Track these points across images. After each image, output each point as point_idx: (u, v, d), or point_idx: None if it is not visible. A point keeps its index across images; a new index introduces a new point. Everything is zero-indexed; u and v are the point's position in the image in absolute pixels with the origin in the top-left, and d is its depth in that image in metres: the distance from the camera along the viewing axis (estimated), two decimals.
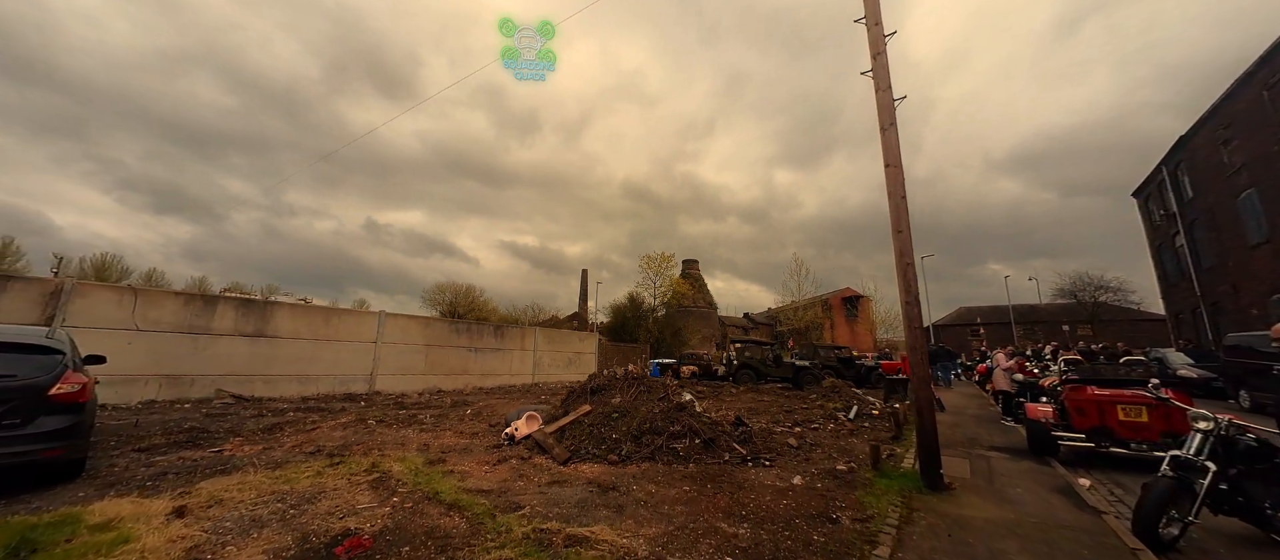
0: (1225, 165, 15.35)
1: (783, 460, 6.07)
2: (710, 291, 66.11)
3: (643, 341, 32.52)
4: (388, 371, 14.17)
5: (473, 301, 47.84)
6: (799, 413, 10.36)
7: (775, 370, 15.40)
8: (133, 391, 9.91)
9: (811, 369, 15.01)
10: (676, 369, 24.40)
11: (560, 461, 5.63)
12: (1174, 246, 20.02)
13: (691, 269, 65.55)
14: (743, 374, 15.17)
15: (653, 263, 35.58)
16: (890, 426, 8.61)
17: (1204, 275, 17.80)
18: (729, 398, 12.87)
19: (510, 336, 18.28)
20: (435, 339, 15.62)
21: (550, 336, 20.13)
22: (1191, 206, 18.01)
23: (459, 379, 16.01)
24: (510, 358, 18.00)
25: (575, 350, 21.12)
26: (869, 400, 11.81)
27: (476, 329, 17.02)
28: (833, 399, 12.14)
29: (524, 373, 18.52)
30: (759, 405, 11.31)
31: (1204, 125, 16.15)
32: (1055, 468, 6.02)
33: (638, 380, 7.39)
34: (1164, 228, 20.69)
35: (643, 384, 7.30)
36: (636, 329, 34.16)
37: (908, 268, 5.30)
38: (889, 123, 5.58)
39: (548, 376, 19.47)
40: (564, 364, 20.44)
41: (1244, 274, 15.18)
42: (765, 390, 14.41)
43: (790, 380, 15.25)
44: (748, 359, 15.51)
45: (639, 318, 35.01)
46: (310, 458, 5.71)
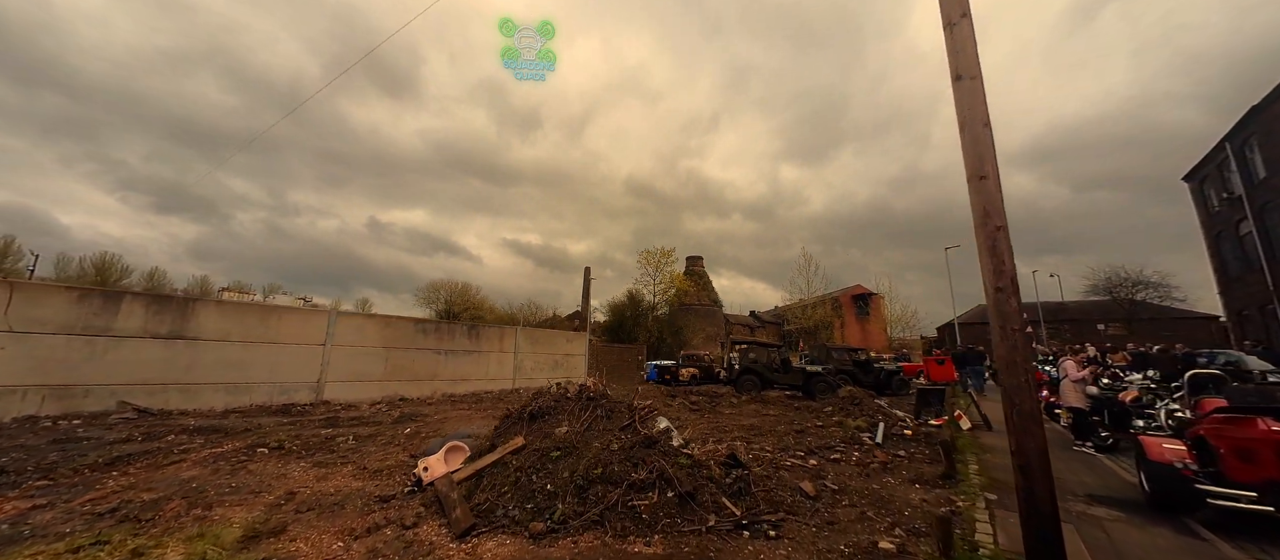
0: None
1: (794, 523, 4.13)
2: (715, 289, 63.95)
3: (641, 341, 30.62)
4: (339, 377, 12.39)
5: (469, 300, 46.24)
6: (812, 433, 8.39)
7: (783, 376, 13.41)
8: (6, 406, 8.19)
9: (825, 376, 13.00)
10: (675, 372, 22.48)
11: (456, 533, 3.72)
12: (1237, 234, 17.67)
13: (696, 265, 63.51)
14: (745, 381, 13.20)
15: (652, 258, 33.68)
16: (935, 457, 6.61)
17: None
18: (728, 411, 10.92)
19: (487, 337, 16.45)
20: (397, 340, 13.83)
21: (533, 337, 18.28)
22: (1264, 187, 15.69)
23: (426, 385, 14.21)
24: (486, 361, 16.17)
25: (562, 352, 19.27)
26: (897, 416, 9.79)
27: (447, 329, 15.21)
28: (852, 413, 10.13)
29: (503, 377, 16.69)
30: (763, 422, 9.35)
31: None
32: (1213, 541, 4.00)
33: (594, 400, 5.47)
34: (1225, 214, 18.33)
35: (600, 407, 5.38)
36: (635, 328, 32.26)
37: (997, 234, 3.32)
38: (960, 13, 3.60)
39: (531, 381, 17.62)
40: (550, 367, 18.59)
41: None
42: (772, 400, 12.44)
43: (800, 388, 13.25)
44: (751, 363, 13.53)
45: (638, 316, 33.10)
46: (92, 523, 3.86)
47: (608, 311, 36.59)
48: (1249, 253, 17.22)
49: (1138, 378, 8.75)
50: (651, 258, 33.77)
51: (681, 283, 33.80)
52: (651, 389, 11.93)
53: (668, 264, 33.83)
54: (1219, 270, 19.45)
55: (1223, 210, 18.40)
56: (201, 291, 58.47)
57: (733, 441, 6.28)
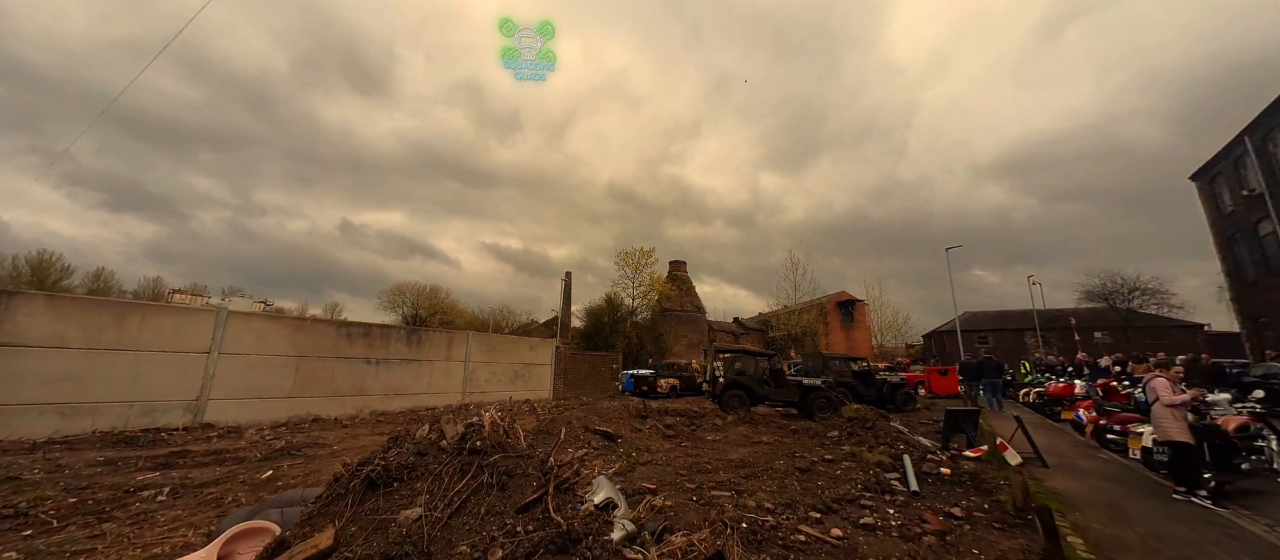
0: None
1: None
2: (698, 295, 62.19)
3: (619, 349, 28.41)
4: (229, 394, 9.91)
5: (437, 303, 43.40)
6: (822, 473, 6.33)
7: (775, 391, 11.39)
8: None
9: (824, 390, 11.01)
10: (653, 383, 20.33)
11: None
12: (1257, 235, 16.45)
13: (679, 270, 61.70)
14: (732, 397, 11.13)
15: (630, 258, 31.57)
16: (1001, 514, 4.62)
17: None
18: (712, 436, 8.80)
19: (431, 344, 14.05)
20: (313, 347, 11.38)
21: (488, 344, 15.93)
22: None
23: (350, 402, 11.77)
24: (429, 371, 13.77)
25: (524, 361, 16.94)
26: (922, 444, 7.81)
27: (379, 335, 12.78)
28: (864, 439, 8.12)
29: (450, 390, 14.30)
30: (756, 455, 7.27)
31: None
32: None
33: (482, 456, 3.27)
34: (1241, 214, 17.14)
35: (492, 468, 3.19)
36: (612, 335, 30.04)
37: None
38: None
39: (485, 394, 15.27)
40: (508, 378, 16.24)
41: None
42: (763, 420, 10.39)
43: (795, 405, 11.24)
44: (738, 375, 11.47)
45: (615, 322, 30.91)
46: None
47: (583, 316, 34.34)
48: (1270, 254, 15.99)
49: (1224, 398, 6.97)
50: (630, 258, 31.69)
51: (662, 285, 31.78)
52: (618, 411, 9.75)
53: (648, 265, 31.80)
54: (1232, 274, 18.27)
55: (1238, 210, 17.22)
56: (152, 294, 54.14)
57: (720, 520, 4.12)
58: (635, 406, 10.05)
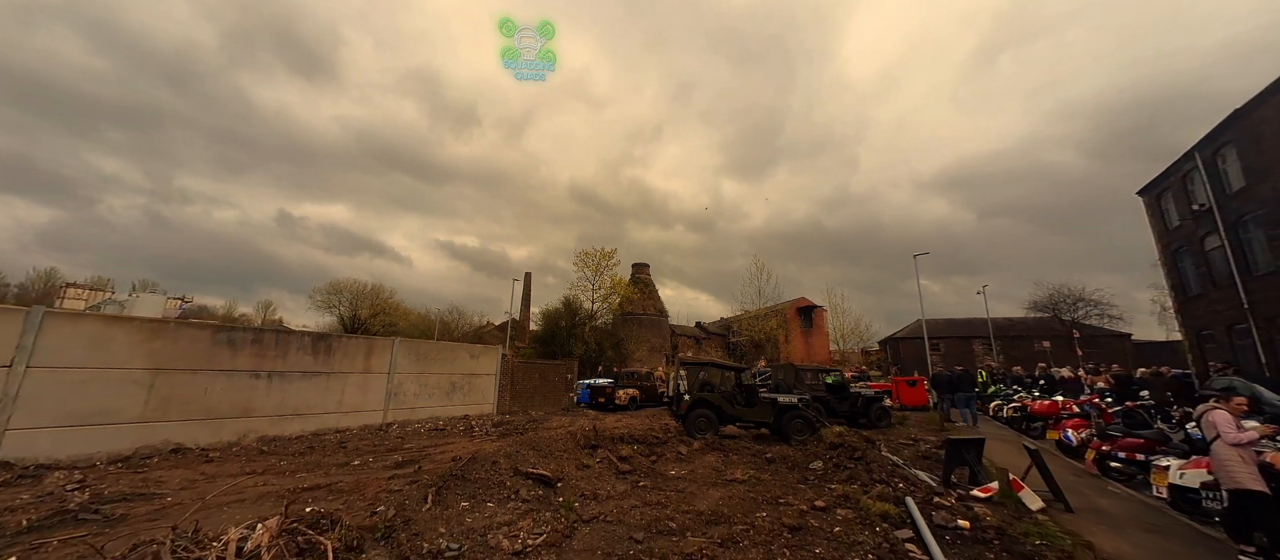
0: None
1: None
2: (661, 298, 61.16)
3: (577, 355, 26.56)
4: (44, 420, 7.47)
5: (380, 303, 39.86)
6: (817, 533, 4.92)
7: (747, 410, 10.04)
8: None
9: (802, 410, 9.76)
10: (612, 394, 18.70)
11: None
12: (1202, 250, 16.86)
13: (642, 273, 60.40)
14: (698, 418, 9.67)
15: (591, 259, 29.83)
16: None
17: (1256, 283, 14.49)
18: (675, 470, 7.28)
19: (345, 353, 11.80)
20: (176, 358, 9.00)
21: (419, 352, 13.77)
22: (1241, 197, 14.71)
23: (230, 425, 9.44)
24: (341, 386, 11.53)
25: (464, 371, 14.86)
26: (922, 481, 6.61)
27: (274, 343, 10.46)
28: (856, 474, 6.85)
29: (369, 407, 12.08)
30: (731, 502, 5.80)
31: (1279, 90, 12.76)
32: None
33: None
34: (1187, 228, 17.58)
35: None
36: (570, 340, 28.16)
37: None
38: None
39: (414, 410, 13.12)
40: (444, 391, 14.13)
41: None
42: (734, 445, 8.97)
43: (769, 426, 9.94)
44: (704, 392, 10.04)
45: (573, 326, 29.05)
46: None
47: (539, 320, 32.25)
48: (1215, 269, 16.38)
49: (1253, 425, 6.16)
50: (591, 259, 29.93)
51: (624, 288, 30.22)
52: (562, 440, 8.06)
53: (609, 266, 30.15)
54: (1177, 288, 18.81)
55: (1185, 224, 17.67)
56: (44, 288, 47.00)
57: None
58: (584, 432, 8.38)
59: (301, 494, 6.21)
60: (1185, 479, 5.81)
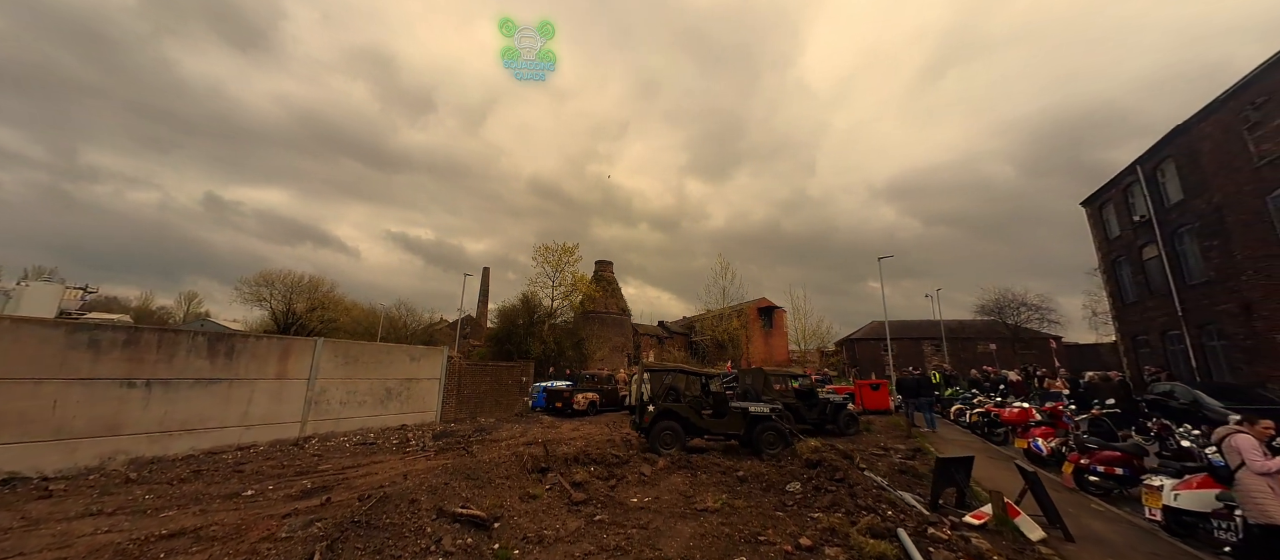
0: (1252, 155, 12.50)
1: None
2: (624, 296, 60.18)
3: (534, 355, 25.17)
4: None
5: (318, 297, 36.65)
6: None
7: (715, 421, 9.23)
8: None
9: (775, 422, 9.04)
10: (570, 398, 17.56)
11: None
12: (1140, 259, 17.71)
13: (605, 271, 59.24)
14: (663, 432, 8.74)
15: (551, 254, 28.41)
16: None
17: (1190, 292, 15.26)
18: (637, 498, 6.31)
19: (253, 356, 10.07)
20: (21, 365, 7.14)
21: (347, 354, 12.12)
22: (1178, 210, 15.43)
23: (90, 447, 7.65)
24: (248, 394, 9.82)
25: (402, 376, 13.30)
26: (909, 505, 5.98)
27: (155, 344, 8.66)
28: (840, 499, 6.14)
29: (283, 418, 10.41)
30: (702, 541, 4.90)
31: (1220, 107, 13.34)
32: None
33: None
34: (1126, 238, 18.44)
35: None
36: (527, 339, 26.69)
37: None
38: None
39: (340, 423, 11.51)
40: (377, 399, 12.54)
41: (1271, 290, 12.32)
42: (702, 464, 8.12)
43: (740, 438, 9.18)
44: (669, 401, 9.13)
45: (531, 325, 27.57)
46: None
47: (496, 317, 30.50)
48: (1152, 278, 17.23)
49: None
50: (551, 254, 28.51)
51: (586, 286, 29.03)
52: (506, 463, 6.92)
53: (571, 262, 28.84)
54: (1114, 295, 19.79)
55: (1125, 235, 18.55)
56: None
57: None
58: (534, 456, 7.27)
59: (153, 546, 4.78)
60: (1180, 501, 5.45)
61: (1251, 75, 12.28)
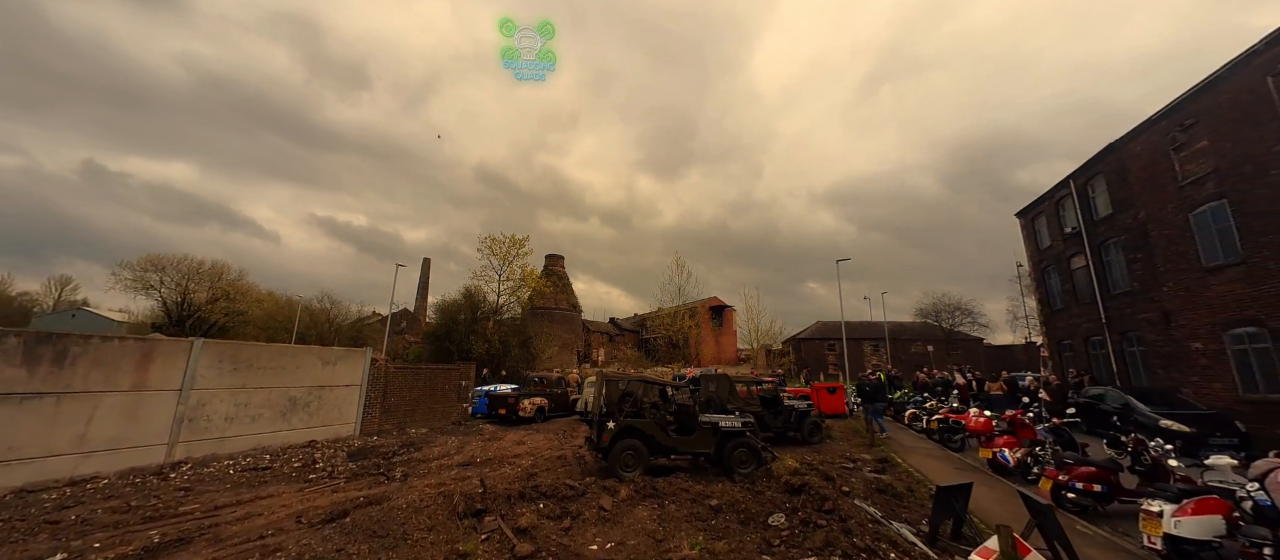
0: (1177, 174, 13.33)
1: None
2: (574, 292, 58.44)
3: (477, 355, 23.18)
4: None
5: (222, 287, 32.06)
6: None
7: (683, 439, 8.23)
8: None
9: (747, 438, 8.18)
10: (515, 403, 16.01)
11: None
12: (1069, 269, 18.84)
13: (556, 265, 57.19)
14: (624, 452, 7.60)
15: (499, 246, 26.40)
16: None
17: (1114, 300, 16.29)
18: (596, 547, 5.15)
19: (98, 361, 7.84)
20: None
21: (238, 357, 9.97)
22: (1106, 224, 16.43)
23: None
24: (90, 410, 7.61)
25: (312, 382, 11.26)
26: (909, 540, 5.25)
27: None
28: (834, 538, 5.32)
29: (142, 440, 8.24)
30: None
31: (1150, 128, 14.17)
32: None
33: None
34: (1057, 249, 19.59)
35: None
36: (469, 337, 24.59)
37: None
38: None
39: (225, 443, 9.40)
40: (278, 411, 10.48)
41: (1188, 301, 13.19)
42: (670, 490, 7.07)
43: (710, 456, 8.24)
44: (628, 417, 8.00)
45: (474, 322, 25.47)
46: None
47: (435, 313, 28.01)
48: (1079, 286, 18.36)
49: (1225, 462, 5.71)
50: (499, 246, 26.48)
51: (536, 281, 27.29)
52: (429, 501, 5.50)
53: (520, 255, 26.95)
54: (1043, 302, 21.06)
55: (1055, 245, 19.71)
56: None
57: None
58: (467, 494, 5.89)
59: None
60: (1181, 529, 5.09)
61: (1181, 98, 13.03)
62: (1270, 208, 10.97)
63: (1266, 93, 10.85)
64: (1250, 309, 11.54)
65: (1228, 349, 12.23)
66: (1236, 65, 11.50)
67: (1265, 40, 10.73)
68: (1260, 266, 11.28)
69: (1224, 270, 12.20)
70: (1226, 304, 12.17)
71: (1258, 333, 11.44)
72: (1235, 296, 11.94)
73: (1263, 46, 10.80)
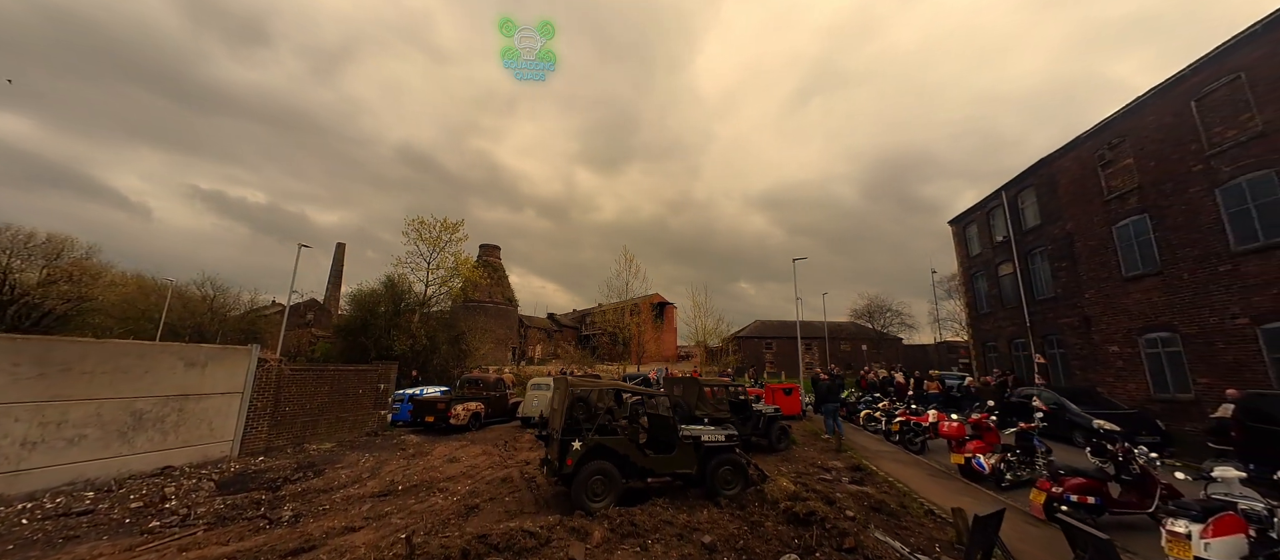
0: (1103, 189, 14.33)
1: None
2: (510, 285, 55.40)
3: (399, 351, 20.36)
4: None
5: (63, 268, 25.78)
6: None
7: (661, 458, 6.96)
8: None
9: (733, 455, 7.10)
10: (445, 409, 13.90)
11: None
12: (997, 275, 20.09)
13: (491, 256, 53.76)
14: (594, 479, 6.19)
15: (428, 230, 23.53)
16: None
17: (1038, 306, 17.47)
18: None
19: None
20: None
21: (46, 357, 7.22)
22: (1034, 234, 17.57)
23: None
24: None
25: (168, 390, 8.60)
26: None
27: None
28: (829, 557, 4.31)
29: None
30: None
31: (1080, 145, 15.17)
32: None
33: None
34: (986, 256, 20.85)
35: None
36: (391, 333, 21.62)
37: None
38: None
39: (21, 481, 6.69)
40: (116, 431, 7.81)
41: (1108, 307, 14.23)
42: (650, 524, 5.76)
43: (690, 477, 7.06)
44: (597, 432, 6.60)
45: (397, 315, 22.49)
46: None
47: (350, 304, 24.46)
48: (1005, 292, 19.63)
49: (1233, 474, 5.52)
50: (428, 229, 23.59)
51: (470, 270, 24.72)
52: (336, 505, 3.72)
53: (453, 241, 24.24)
54: (970, 306, 22.44)
55: (985, 252, 20.98)
56: None
57: None
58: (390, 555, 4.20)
59: None
60: (1211, 551, 4.71)
61: (1111, 118, 13.95)
62: (1187, 222, 11.89)
63: (1190, 117, 11.72)
64: (1165, 316, 12.52)
65: (1142, 352, 13.25)
66: (1164, 89, 12.38)
67: (1192, 66, 11.56)
68: (1176, 277, 12.24)
69: (1142, 280, 13.18)
70: (1143, 311, 13.17)
71: (1170, 338, 12.42)
72: (1151, 304, 12.93)
73: (1190, 72, 11.63)
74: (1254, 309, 10.50)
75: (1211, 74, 11.21)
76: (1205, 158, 11.36)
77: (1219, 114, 11.11)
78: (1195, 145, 11.63)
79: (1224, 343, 11.13)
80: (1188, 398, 11.88)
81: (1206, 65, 11.26)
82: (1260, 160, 10.24)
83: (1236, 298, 10.84)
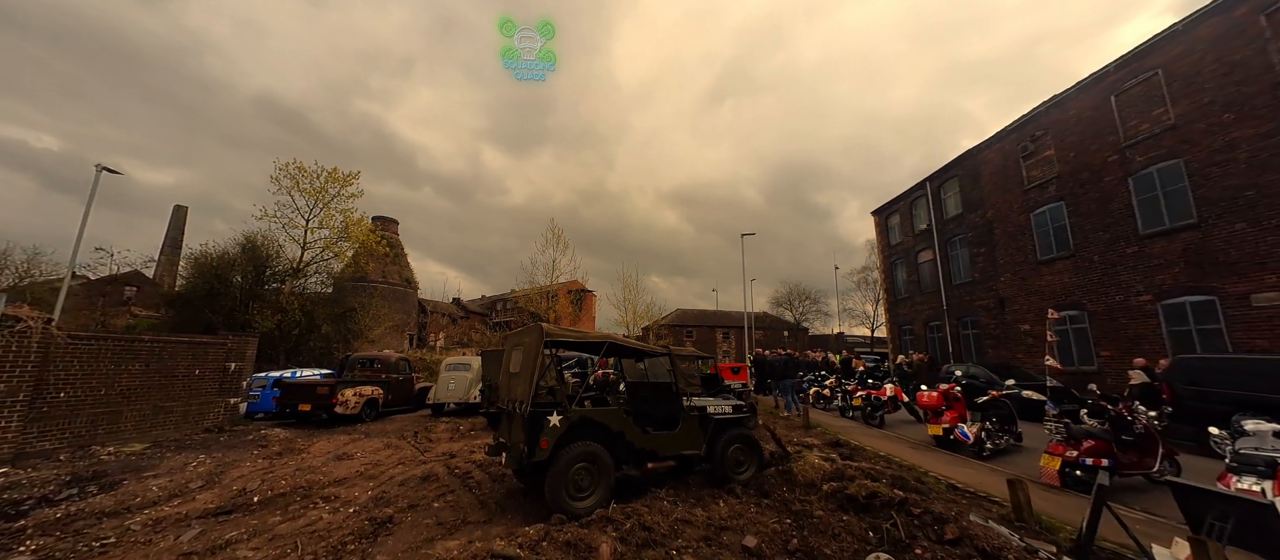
0: (1023, 178, 15.41)
1: None
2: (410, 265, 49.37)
3: (264, 328, 15.91)
4: None
5: None
6: None
7: (661, 435, 5.17)
8: None
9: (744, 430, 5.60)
10: (330, 395, 10.67)
11: None
12: (916, 262, 21.30)
13: (389, 230, 47.15)
14: (577, 468, 4.27)
15: (309, 178, 18.88)
16: None
17: (955, 290, 18.67)
18: None
19: None
20: None
21: None
22: (955, 222, 18.70)
23: None
24: None
25: None
26: None
27: None
28: None
29: None
30: None
31: (1003, 138, 16.23)
32: None
33: None
34: (907, 244, 22.06)
35: None
36: (249, 306, 16.95)
37: None
38: None
39: None
40: None
41: (1022, 289, 15.37)
42: (665, 531, 3.97)
43: (696, 459, 5.37)
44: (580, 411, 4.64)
45: (261, 284, 17.77)
46: None
47: (190, 270, 18.81)
48: (923, 277, 20.87)
49: None
50: (309, 177, 18.93)
51: (366, 235, 20.42)
52: None
53: (344, 196, 19.81)
54: (888, 291, 23.74)
55: (905, 240, 22.21)
56: None
57: None
58: None
59: None
60: None
61: (1034, 112, 14.95)
62: (1099, 208, 12.96)
63: (1109, 111, 12.73)
64: (1074, 295, 13.63)
65: (1051, 329, 14.39)
66: (1086, 85, 13.38)
67: (1115, 63, 12.53)
68: (1086, 259, 13.34)
69: (1055, 263, 14.29)
70: (1055, 291, 14.27)
71: (1078, 315, 13.55)
72: (1063, 285, 14.04)
73: (1113, 68, 12.60)
74: (1156, 286, 11.60)
75: (1132, 70, 12.22)
76: (1121, 149, 12.39)
77: (1136, 108, 12.15)
78: (1113, 137, 12.66)
79: (1127, 318, 12.25)
80: (1091, 369, 12.98)
81: (1129, 62, 12.24)
82: (1171, 151, 11.27)
83: (1141, 277, 11.94)
